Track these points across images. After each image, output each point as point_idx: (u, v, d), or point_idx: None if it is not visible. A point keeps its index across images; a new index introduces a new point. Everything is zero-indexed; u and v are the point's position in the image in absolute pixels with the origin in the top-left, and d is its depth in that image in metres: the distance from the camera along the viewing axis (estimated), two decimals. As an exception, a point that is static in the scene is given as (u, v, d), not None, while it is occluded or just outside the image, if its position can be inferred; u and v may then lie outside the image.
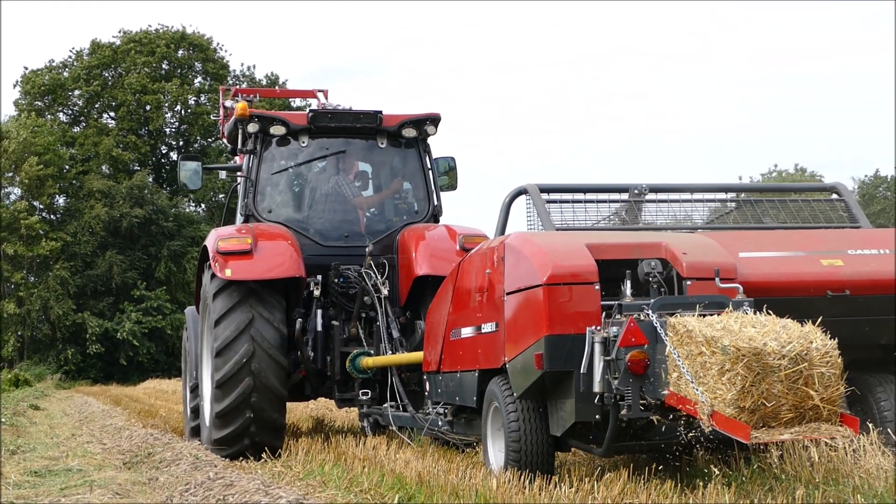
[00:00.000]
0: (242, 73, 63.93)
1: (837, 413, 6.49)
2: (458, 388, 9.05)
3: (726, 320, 6.68)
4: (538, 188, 8.76)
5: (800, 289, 7.96)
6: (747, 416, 6.30)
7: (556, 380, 7.51)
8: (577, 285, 7.37)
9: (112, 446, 12.35)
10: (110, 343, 52.30)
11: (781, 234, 8.80)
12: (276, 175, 12.10)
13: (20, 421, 17.32)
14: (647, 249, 7.73)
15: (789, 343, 6.35)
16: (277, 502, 6.79)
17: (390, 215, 12.30)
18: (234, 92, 14.35)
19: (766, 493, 6.98)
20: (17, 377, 37.42)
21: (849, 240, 8.48)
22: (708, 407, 6.43)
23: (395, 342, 11.34)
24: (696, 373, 6.52)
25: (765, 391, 6.30)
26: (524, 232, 8.49)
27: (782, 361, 6.29)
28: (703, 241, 8.08)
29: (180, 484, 8.43)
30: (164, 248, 54.01)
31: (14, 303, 51.46)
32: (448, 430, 9.54)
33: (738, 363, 6.28)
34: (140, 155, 59.15)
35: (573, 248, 7.62)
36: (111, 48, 59.40)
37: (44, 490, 8.26)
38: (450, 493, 7.03)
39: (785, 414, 6.36)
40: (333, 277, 11.63)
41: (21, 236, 51.50)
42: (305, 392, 11.86)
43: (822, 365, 6.37)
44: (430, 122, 12.22)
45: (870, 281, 8.06)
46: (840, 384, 6.45)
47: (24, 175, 52.01)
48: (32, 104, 58.86)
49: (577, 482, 7.29)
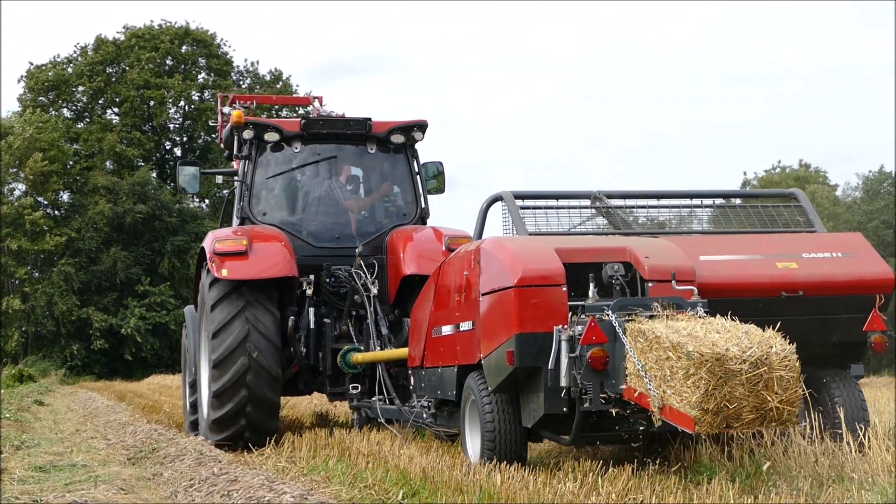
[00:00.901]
0: (246, 68, 63.98)
1: (795, 414, 6.86)
2: (439, 382, 9.55)
3: (692, 326, 7.04)
4: (513, 195, 9.19)
5: (755, 290, 8.42)
6: (711, 417, 6.68)
7: (527, 375, 7.97)
8: (545, 287, 7.85)
9: (116, 442, 12.39)
10: (114, 339, 52.40)
11: (740, 239, 9.23)
12: (270, 179, 12.63)
13: (24, 416, 17.34)
14: (612, 253, 8.21)
15: (750, 348, 6.70)
16: (282, 498, 6.81)
17: (380, 218, 12.81)
18: (232, 98, 14.80)
19: (770, 489, 6.98)
20: (22, 373, 37.45)
21: (804, 244, 8.92)
22: (658, 400, 6.90)
23: (384, 339, 11.82)
24: (663, 376, 6.89)
25: (727, 394, 6.66)
26: (498, 237, 8.94)
27: (743, 366, 6.65)
28: (664, 245, 8.50)
29: (184, 479, 8.46)
30: (167, 243, 54.11)
31: (18, 298, 51.52)
32: (432, 423, 10.04)
33: (702, 368, 6.64)
34: (144, 151, 59.24)
35: (543, 253, 8.09)
36: (115, 44, 59.46)
37: (48, 485, 8.27)
38: (454, 489, 7.04)
39: (746, 415, 6.73)
40: (325, 277, 12.13)
41: (26, 232, 51.55)
42: (298, 386, 12.35)
43: (782, 369, 6.73)
44: (417, 129, 12.72)
45: (822, 282, 8.54)
46: (798, 387, 6.81)
47: (29, 171, 52.09)
48: (37, 100, 58.92)
49: (580, 477, 7.33)
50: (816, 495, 6.69)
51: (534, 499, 6.62)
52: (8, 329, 51.71)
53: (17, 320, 51.84)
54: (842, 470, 7.42)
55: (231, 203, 13.29)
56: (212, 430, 11.25)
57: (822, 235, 9.35)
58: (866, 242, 9.10)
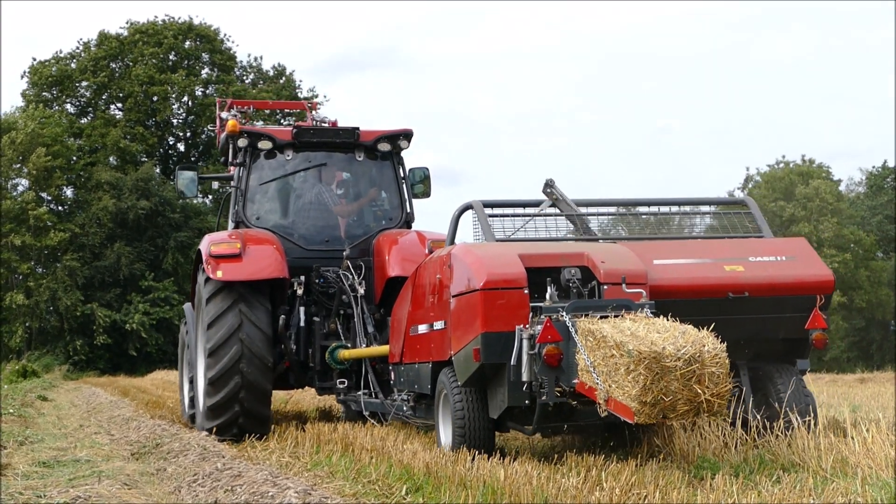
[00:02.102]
0: (249, 63, 63.97)
1: (725, 406, 7.43)
2: (416, 377, 10.24)
3: (635, 326, 7.63)
4: (482, 204, 9.80)
5: (704, 291, 9.03)
6: (649, 409, 7.26)
7: (492, 370, 8.60)
8: (508, 290, 8.46)
9: (120, 437, 12.43)
10: (118, 334, 52.46)
11: (692, 244, 9.83)
12: (263, 185, 13.25)
13: (28, 412, 17.36)
14: (571, 258, 8.85)
15: (684, 347, 7.27)
16: (285, 493, 6.82)
17: (367, 222, 13.43)
18: (230, 104, 15.42)
19: (773, 484, 6.98)
20: (25, 368, 37.46)
21: (751, 248, 9.53)
22: (604, 393, 7.52)
23: (370, 336, 12.47)
24: (609, 371, 7.48)
25: (663, 388, 7.23)
26: (468, 243, 9.61)
27: (677, 363, 7.21)
28: (620, 250, 9.12)
29: (188, 474, 8.49)
30: (171, 239, 54.17)
31: (22, 294, 51.55)
32: (411, 415, 10.68)
33: (640, 364, 7.22)
34: (147, 146, 59.29)
35: (507, 258, 8.69)
36: (118, 39, 59.49)
37: (52, 481, 8.28)
38: (457, 484, 7.06)
39: (681, 407, 7.30)
40: (315, 278, 12.78)
41: (29, 227, 51.57)
42: (289, 381, 13.02)
43: (713, 365, 7.29)
44: (403, 137, 13.35)
45: (767, 284, 9.16)
46: (728, 382, 7.36)
47: (32, 166, 52.11)
48: (40, 95, 58.95)
49: (584, 472, 7.33)
50: (820, 490, 6.68)
51: (537, 494, 6.63)
52: (12, 324, 51.76)
53: (21, 316, 51.88)
54: (845, 464, 7.42)
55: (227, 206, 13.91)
56: (207, 417, 11.77)
57: (768, 240, 9.90)
58: (809, 247, 9.73)
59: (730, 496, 6.58)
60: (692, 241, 10.01)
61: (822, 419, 8.66)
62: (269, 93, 60.51)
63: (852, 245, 60.04)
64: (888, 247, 63.41)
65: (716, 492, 6.71)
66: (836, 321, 57.81)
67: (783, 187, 60.29)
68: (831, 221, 58.14)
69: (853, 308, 59.52)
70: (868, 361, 55.18)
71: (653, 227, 10.87)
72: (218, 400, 11.61)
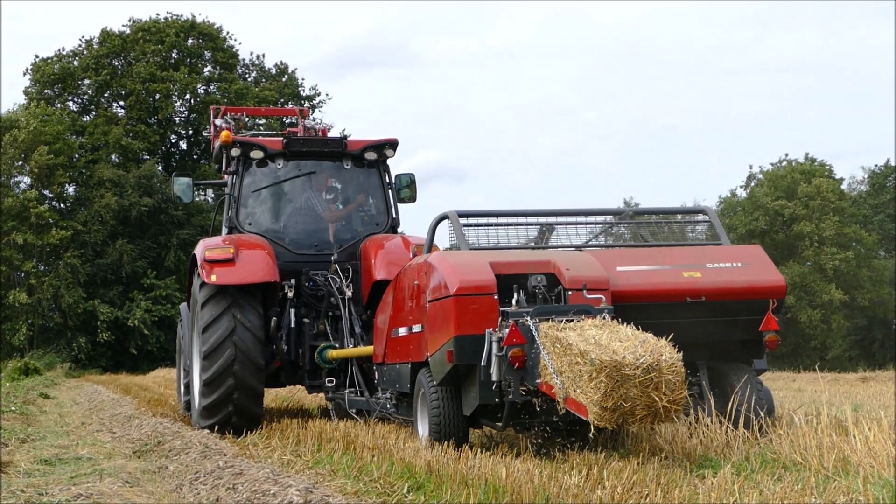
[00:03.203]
0: (252, 61, 63.96)
1: (681, 411, 7.90)
2: (397, 377, 10.81)
3: (600, 334, 8.08)
4: (457, 214, 10.35)
5: (664, 296, 9.58)
6: (609, 414, 7.72)
7: (465, 371, 9.14)
8: (479, 296, 8.99)
9: (122, 435, 12.46)
10: (120, 332, 52.49)
11: (653, 251, 10.39)
12: (255, 192, 13.86)
13: (30, 409, 17.39)
14: (538, 266, 9.36)
15: (643, 356, 7.72)
16: (287, 491, 6.83)
17: (355, 227, 14.01)
18: (224, 111, 16.02)
19: (775, 483, 6.98)
20: (27, 365, 37.48)
21: (708, 255, 10.07)
22: (563, 392, 8.03)
23: (357, 337, 13.05)
24: (574, 377, 7.96)
25: (623, 395, 7.70)
26: (443, 252, 10.22)
27: (636, 371, 7.67)
28: (584, 258, 9.65)
29: (190, 472, 8.50)
30: (173, 236, 54.27)
31: (25, 292, 51.58)
32: (394, 413, 11.21)
33: (602, 373, 7.68)
34: (149, 144, 59.36)
35: (478, 266, 9.22)
36: (120, 37, 59.60)
37: (54, 478, 8.30)
38: (459, 482, 7.06)
39: (639, 412, 7.76)
40: (304, 281, 13.35)
41: (31, 225, 51.61)
42: (281, 379, 13.59)
43: (670, 374, 7.74)
44: (388, 147, 13.97)
45: (722, 289, 9.67)
46: (683, 389, 7.83)
47: (34, 164, 52.16)
48: (42, 93, 58.97)
49: (585, 470, 7.34)
50: (822, 489, 6.68)
51: (539, 492, 6.63)
52: (14, 322, 51.79)
53: (24, 313, 51.91)
54: (847, 462, 7.42)
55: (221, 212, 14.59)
56: (203, 416, 12.32)
57: (725, 248, 10.43)
58: (764, 253, 10.24)
59: (731, 495, 6.59)
60: (654, 248, 10.57)
61: (824, 418, 8.69)
62: (272, 90, 60.57)
63: (854, 244, 60.04)
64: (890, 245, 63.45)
65: (717, 490, 6.72)
66: (838, 320, 57.85)
67: (785, 186, 60.29)
68: (833, 220, 58.17)
69: (855, 307, 59.57)
70: (870, 360, 55.24)
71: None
72: (213, 400, 12.14)
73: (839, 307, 57.96)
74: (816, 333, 57.84)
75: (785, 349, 59.41)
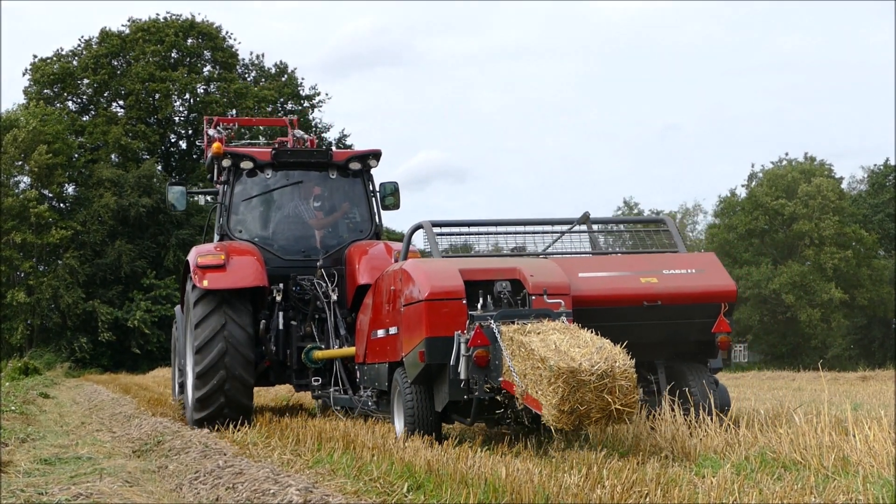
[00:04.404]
0: (251, 61, 63.98)
1: (633, 414, 8.48)
2: (377, 376, 11.45)
3: (560, 340, 8.65)
4: (431, 224, 11.08)
5: (622, 300, 10.25)
6: (566, 416, 8.28)
7: (436, 370, 9.79)
8: (449, 300, 9.65)
9: (121, 434, 12.51)
10: (120, 331, 52.50)
11: (613, 258, 11.15)
12: (245, 201, 14.51)
13: (30, 409, 17.43)
14: (504, 272, 9.99)
15: (598, 363, 8.26)
16: (287, 490, 6.84)
17: (340, 234, 14.66)
18: (217, 121, 16.79)
19: (775, 482, 6.99)
20: (27, 365, 37.51)
21: (665, 262, 10.73)
22: (521, 389, 8.65)
23: (342, 338, 13.72)
24: (535, 380, 8.53)
25: (579, 398, 8.25)
26: (417, 259, 10.97)
27: (591, 377, 8.22)
28: (548, 265, 10.31)
29: (190, 472, 8.53)
30: (172, 236, 54.31)
31: (24, 291, 51.57)
32: (375, 409, 11.89)
33: (559, 378, 8.23)
34: (149, 144, 59.43)
35: (448, 273, 9.87)
36: (120, 37, 59.69)
37: (54, 478, 8.31)
38: (458, 482, 7.07)
39: (594, 415, 8.32)
40: (292, 285, 14.02)
41: (31, 225, 51.61)
42: (270, 379, 14.31)
43: (623, 379, 8.28)
44: (372, 157, 14.62)
45: (677, 294, 10.33)
46: (635, 393, 8.38)
47: (34, 164, 52.20)
48: (41, 93, 58.96)
49: (585, 470, 7.34)
50: (821, 489, 6.68)
51: (538, 491, 6.64)
52: (13, 322, 51.80)
53: (23, 313, 51.91)
54: (846, 462, 7.42)
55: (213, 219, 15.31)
56: (196, 408, 12.86)
57: (681, 255, 11.10)
58: (717, 260, 10.88)
59: (731, 494, 6.60)
60: (615, 256, 11.33)
61: (824, 417, 8.70)
62: (271, 90, 60.57)
63: (854, 243, 60.06)
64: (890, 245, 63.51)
65: (717, 490, 6.72)
66: (838, 319, 57.91)
67: (785, 185, 60.30)
68: (833, 219, 58.18)
69: (855, 306, 59.65)
70: (870, 359, 55.26)
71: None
72: (205, 392, 12.69)
73: (839, 306, 58.01)
74: (816, 332, 57.91)
75: (785, 348, 59.46)
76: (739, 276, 59.47)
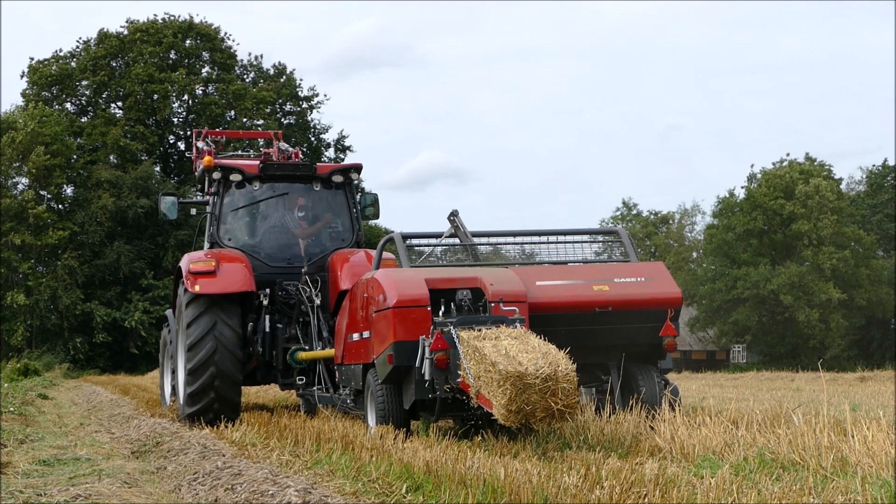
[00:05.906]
0: (250, 62, 63.96)
1: (574, 414, 9.31)
2: (352, 375, 12.34)
3: (511, 346, 9.46)
4: (402, 236, 12.08)
5: (576, 307, 11.12)
6: (514, 415, 9.07)
7: (404, 371, 10.67)
8: (415, 307, 10.55)
9: (120, 435, 12.52)
10: (119, 332, 52.53)
11: (568, 268, 11.97)
12: (234, 211, 15.32)
13: (28, 410, 17.43)
14: (467, 281, 10.86)
15: (542, 368, 9.04)
16: (285, 491, 6.86)
17: (323, 242, 15.48)
18: (205, 133, 18.12)
19: (773, 483, 6.99)
20: (26, 366, 37.53)
21: (616, 271, 11.62)
22: (475, 390, 9.49)
23: (325, 340, 14.57)
24: (487, 382, 9.30)
25: (525, 399, 9.02)
26: (387, 269, 11.86)
27: (536, 380, 8.99)
28: (507, 274, 11.14)
29: (188, 473, 8.54)
30: (170, 237, 54.29)
31: (23, 292, 51.55)
32: (353, 407, 12.68)
33: (507, 381, 9.02)
34: (147, 145, 59.50)
35: (415, 282, 10.78)
36: (118, 38, 59.82)
37: (52, 479, 8.32)
38: (457, 483, 7.07)
39: (539, 414, 9.09)
40: (278, 291, 14.89)
41: (29, 226, 51.62)
42: (257, 378, 15.15)
43: (565, 382, 9.05)
44: (354, 171, 15.53)
45: (627, 300, 11.21)
46: (576, 395, 9.16)
47: (32, 165, 52.25)
48: (40, 94, 58.99)
49: (584, 470, 7.34)
50: (820, 489, 6.68)
51: (537, 492, 6.64)
52: (12, 323, 51.82)
53: (22, 314, 51.92)
54: (845, 462, 7.42)
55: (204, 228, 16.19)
56: (187, 403, 13.60)
57: (632, 265, 11.94)
58: (665, 269, 11.77)
59: (730, 495, 6.60)
60: (570, 265, 12.12)
61: (823, 418, 8.72)
62: (270, 91, 60.57)
63: (852, 243, 60.08)
64: (888, 245, 63.62)
65: (716, 490, 6.72)
66: (837, 319, 57.96)
67: (784, 185, 60.32)
68: (831, 219, 58.22)
69: (853, 306, 59.75)
70: (868, 360, 55.37)
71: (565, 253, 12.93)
72: (196, 388, 13.45)
73: (837, 307, 58.06)
74: (815, 333, 57.97)
75: (783, 349, 59.51)
76: (738, 276, 59.55)
